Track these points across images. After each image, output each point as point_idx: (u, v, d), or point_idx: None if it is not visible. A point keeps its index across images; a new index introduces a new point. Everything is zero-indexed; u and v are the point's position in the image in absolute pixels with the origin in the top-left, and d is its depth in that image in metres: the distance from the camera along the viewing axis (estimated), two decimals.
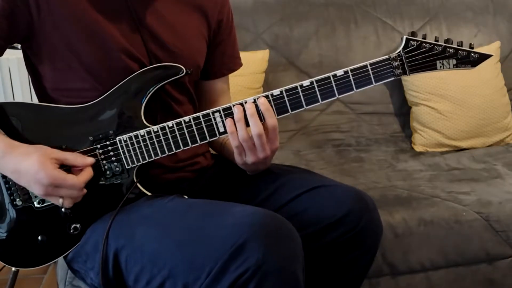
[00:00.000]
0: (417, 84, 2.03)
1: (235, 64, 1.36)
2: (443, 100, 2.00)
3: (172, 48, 1.18)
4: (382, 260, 1.52)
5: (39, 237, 1.11)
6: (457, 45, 1.13)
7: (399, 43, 1.10)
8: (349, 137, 2.11)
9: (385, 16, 2.19)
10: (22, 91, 2.18)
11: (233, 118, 1.09)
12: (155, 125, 1.11)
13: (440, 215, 1.55)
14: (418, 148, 2.05)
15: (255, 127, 1.07)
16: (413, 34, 1.13)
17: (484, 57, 1.13)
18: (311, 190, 1.14)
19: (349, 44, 2.14)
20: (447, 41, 1.12)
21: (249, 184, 1.20)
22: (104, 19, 1.11)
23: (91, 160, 1.07)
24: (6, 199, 1.10)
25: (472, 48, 1.13)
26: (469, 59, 1.13)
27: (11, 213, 1.11)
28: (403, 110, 2.15)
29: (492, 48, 2.12)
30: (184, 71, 1.14)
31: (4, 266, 1.16)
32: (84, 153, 1.10)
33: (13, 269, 1.17)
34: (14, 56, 2.15)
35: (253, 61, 1.97)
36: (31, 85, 1.21)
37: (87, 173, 1.06)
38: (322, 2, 2.17)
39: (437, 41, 1.12)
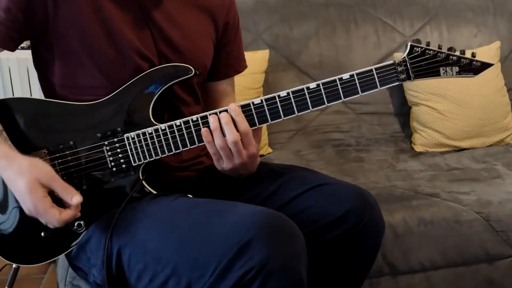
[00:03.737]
0: (417, 84, 2.03)
1: (240, 66, 1.37)
2: (443, 100, 2.01)
3: (181, 48, 1.18)
4: (382, 260, 1.52)
5: (42, 233, 1.10)
6: (460, 53, 1.14)
7: (399, 43, 1.10)
8: (349, 137, 2.11)
9: (385, 16, 2.19)
10: (22, 91, 2.19)
11: (209, 127, 1.09)
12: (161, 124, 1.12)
13: (440, 215, 1.55)
14: (418, 148, 2.05)
15: (231, 134, 1.08)
16: (417, 41, 1.14)
17: (486, 65, 1.15)
18: (313, 188, 1.15)
19: (349, 44, 2.14)
20: (450, 49, 1.14)
21: (252, 183, 1.21)
22: (118, 17, 1.12)
23: (77, 200, 1.01)
24: (10, 195, 1.10)
25: (474, 56, 1.15)
26: (471, 67, 1.15)
27: (15, 208, 1.10)
28: (403, 110, 2.15)
29: (492, 48, 2.12)
30: (193, 72, 1.15)
31: (5, 266, 1.16)
32: (91, 149, 1.10)
33: (14, 265, 1.16)
34: (14, 56, 2.16)
35: (253, 61, 1.97)
36: (31, 85, 1.21)
37: (71, 213, 1.01)
38: (322, 2, 2.17)
39: (441, 48, 1.14)
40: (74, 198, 1.01)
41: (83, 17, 1.09)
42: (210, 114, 1.10)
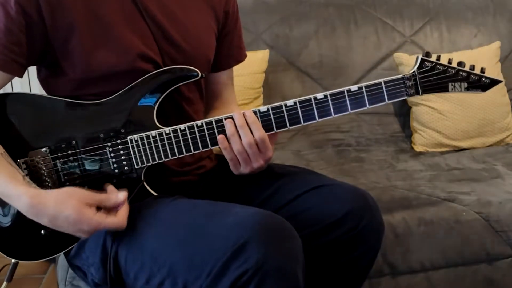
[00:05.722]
0: None
1: (241, 55, 1.36)
2: (443, 100, 2.00)
3: (184, 46, 1.17)
4: (382, 260, 1.52)
5: (42, 231, 1.09)
6: (470, 69, 1.13)
7: (399, 43, 1.09)
8: (349, 137, 2.11)
9: (385, 16, 2.19)
10: (22, 89, 2.18)
11: (225, 133, 1.09)
12: (164, 124, 1.11)
13: (440, 215, 1.55)
14: (418, 148, 2.05)
15: (246, 137, 1.08)
16: (428, 54, 1.13)
17: (494, 82, 1.14)
18: (313, 190, 1.15)
19: (349, 44, 2.14)
20: (459, 64, 1.13)
21: (252, 184, 1.21)
22: (118, 20, 1.10)
23: (123, 196, 1.04)
24: None
25: (483, 72, 1.14)
26: (480, 84, 1.14)
27: None
28: (403, 110, 2.15)
29: (492, 48, 2.12)
30: (200, 75, 1.13)
31: (4, 266, 1.16)
32: (93, 150, 1.10)
33: (13, 260, 1.16)
34: None
35: (253, 61, 1.97)
36: (31, 85, 1.20)
37: (125, 210, 1.04)
38: (322, 2, 2.17)
39: (451, 63, 1.13)
40: (120, 195, 1.04)
41: (81, 30, 1.07)
42: (225, 118, 1.09)
